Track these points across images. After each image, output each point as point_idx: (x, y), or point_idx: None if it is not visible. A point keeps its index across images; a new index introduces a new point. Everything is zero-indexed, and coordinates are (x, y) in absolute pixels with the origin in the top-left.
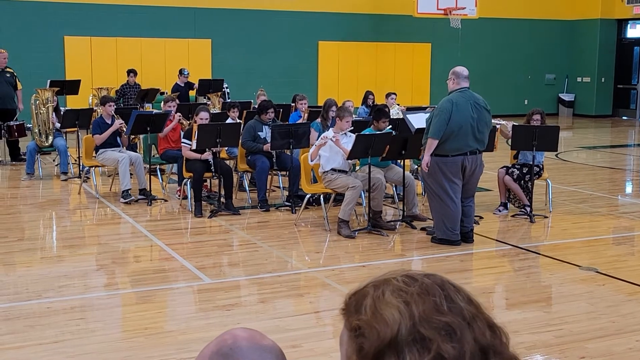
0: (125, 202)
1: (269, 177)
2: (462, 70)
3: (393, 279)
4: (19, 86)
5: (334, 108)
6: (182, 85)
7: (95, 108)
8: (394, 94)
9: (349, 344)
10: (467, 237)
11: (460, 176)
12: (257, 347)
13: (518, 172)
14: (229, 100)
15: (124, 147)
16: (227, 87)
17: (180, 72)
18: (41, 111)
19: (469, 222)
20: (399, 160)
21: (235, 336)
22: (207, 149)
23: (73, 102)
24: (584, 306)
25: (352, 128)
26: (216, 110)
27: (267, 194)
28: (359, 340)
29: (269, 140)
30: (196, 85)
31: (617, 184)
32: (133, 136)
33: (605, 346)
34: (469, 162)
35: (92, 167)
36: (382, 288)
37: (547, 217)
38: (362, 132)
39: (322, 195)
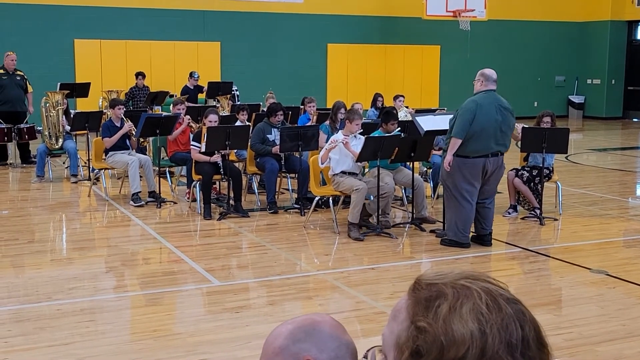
0: (135, 205)
1: (278, 179)
2: (492, 73)
3: (476, 292)
4: (30, 89)
5: (342, 110)
6: (192, 87)
7: (105, 111)
8: (402, 96)
9: (405, 334)
10: (484, 240)
11: (479, 179)
12: (338, 338)
13: (528, 174)
14: (238, 103)
15: (134, 150)
16: (236, 90)
17: (191, 74)
18: (51, 114)
19: (488, 225)
20: (408, 163)
21: (321, 321)
22: (216, 152)
23: (83, 105)
24: (594, 309)
25: (362, 130)
26: (225, 112)
27: (276, 196)
28: (418, 341)
29: (277, 143)
30: (205, 88)
31: (628, 186)
32: (142, 139)
33: (616, 350)
34: (491, 163)
35: (101, 169)
36: (462, 299)
37: (557, 220)
38: (370, 135)
39: (331, 198)
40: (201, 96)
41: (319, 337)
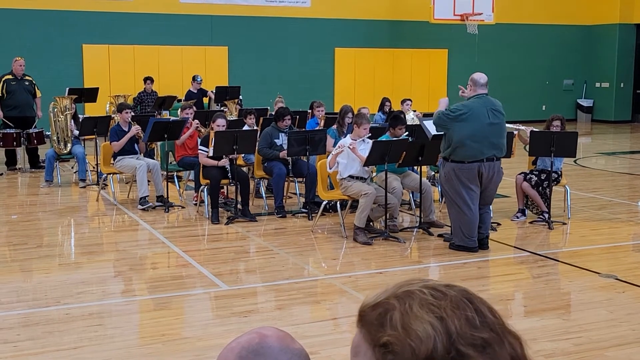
0: (143, 209)
1: (286, 183)
2: (480, 77)
3: (417, 291)
4: (38, 94)
5: (350, 114)
6: (196, 91)
7: (113, 116)
8: (409, 100)
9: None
10: (482, 244)
11: (477, 182)
12: (288, 349)
13: (536, 178)
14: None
15: (142, 154)
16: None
17: (194, 78)
18: (59, 119)
19: (485, 229)
20: (415, 167)
21: (267, 335)
22: (223, 156)
23: (91, 110)
24: (603, 314)
25: (370, 135)
26: (233, 117)
27: (283, 200)
28: (388, 357)
29: (285, 147)
30: (209, 92)
31: (637, 190)
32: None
33: (625, 354)
34: (486, 168)
35: (110, 174)
36: (408, 301)
37: (565, 224)
38: (378, 139)
39: (338, 202)
40: (206, 100)
41: (269, 354)
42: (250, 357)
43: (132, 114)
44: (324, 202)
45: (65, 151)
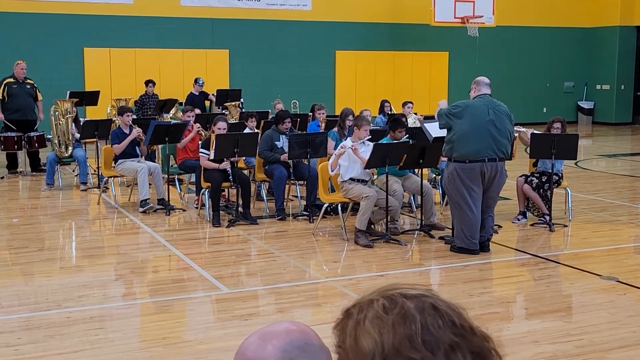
0: (144, 212)
1: (287, 186)
2: (483, 78)
3: (376, 301)
4: (40, 97)
5: (350, 117)
6: (197, 94)
7: (114, 119)
8: (411, 102)
9: None
10: (483, 247)
11: (479, 183)
12: (324, 347)
13: (537, 180)
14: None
15: (143, 157)
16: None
17: (196, 81)
18: (61, 122)
19: (486, 232)
20: (416, 169)
21: (307, 331)
22: (225, 159)
23: (92, 113)
24: (604, 316)
25: (370, 137)
26: (234, 120)
27: (284, 203)
28: None
29: (286, 150)
30: (210, 95)
31: (638, 192)
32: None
33: (626, 356)
34: (488, 168)
35: (111, 177)
36: (365, 312)
37: (566, 226)
38: (379, 142)
39: (339, 205)
40: (207, 103)
41: (312, 351)
42: (295, 352)
43: (134, 116)
44: (325, 205)
45: (66, 154)
